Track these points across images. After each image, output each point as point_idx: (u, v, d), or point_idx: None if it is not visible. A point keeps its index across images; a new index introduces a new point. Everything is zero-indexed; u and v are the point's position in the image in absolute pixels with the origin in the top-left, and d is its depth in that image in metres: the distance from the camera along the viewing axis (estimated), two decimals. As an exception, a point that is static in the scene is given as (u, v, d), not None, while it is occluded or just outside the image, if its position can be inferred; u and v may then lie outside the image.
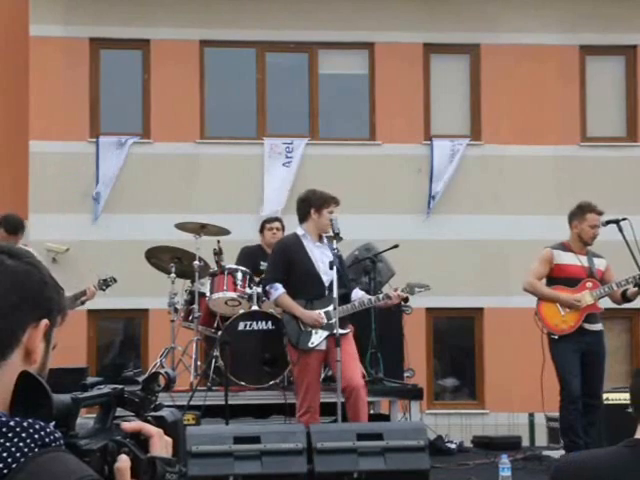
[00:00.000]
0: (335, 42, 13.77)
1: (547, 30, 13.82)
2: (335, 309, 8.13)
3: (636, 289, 8.80)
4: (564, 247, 9.07)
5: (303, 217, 8.47)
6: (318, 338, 8.32)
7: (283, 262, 8.44)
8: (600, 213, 9.02)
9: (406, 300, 8.64)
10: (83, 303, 9.32)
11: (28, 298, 1.73)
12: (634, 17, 13.97)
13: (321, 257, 8.36)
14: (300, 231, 8.50)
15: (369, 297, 8.53)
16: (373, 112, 13.82)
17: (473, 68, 13.98)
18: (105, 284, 9.42)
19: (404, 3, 13.73)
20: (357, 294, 8.56)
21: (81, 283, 9.66)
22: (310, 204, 8.42)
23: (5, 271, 1.74)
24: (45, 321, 1.74)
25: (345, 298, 8.38)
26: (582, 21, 13.89)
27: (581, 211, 9.03)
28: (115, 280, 9.47)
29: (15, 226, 9.06)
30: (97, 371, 12.54)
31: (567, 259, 9.01)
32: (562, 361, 8.85)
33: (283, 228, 10.51)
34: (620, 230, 8.80)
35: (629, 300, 9.03)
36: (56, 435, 1.64)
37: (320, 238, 8.44)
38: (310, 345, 8.29)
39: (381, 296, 8.51)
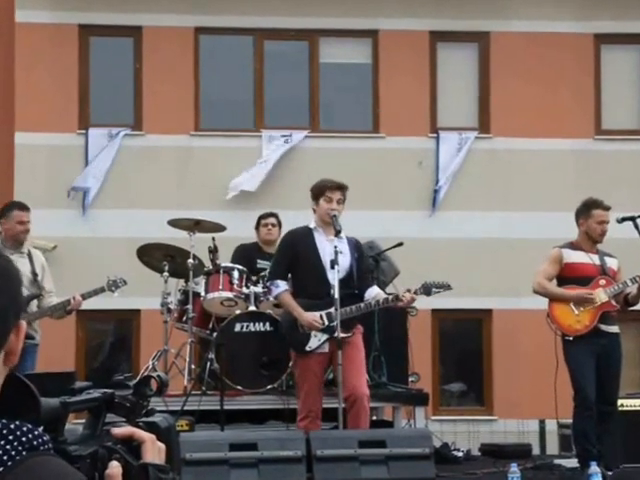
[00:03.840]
0: (337, 29, 13.75)
1: (560, 17, 13.77)
2: (337, 310, 7.90)
3: (637, 291, 8.64)
4: (573, 246, 8.94)
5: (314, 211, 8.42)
6: (317, 342, 8.11)
7: (287, 255, 8.30)
8: (607, 208, 8.90)
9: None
10: (69, 312, 9.17)
11: (12, 298, 1.69)
12: (651, 4, 14.09)
13: (331, 252, 8.07)
14: (312, 224, 8.35)
15: (378, 299, 8.22)
16: (376, 103, 13.76)
17: (482, 57, 13.93)
18: (114, 285, 9.32)
19: (409, -11, 13.86)
20: (371, 293, 8.28)
21: (75, 284, 9.62)
22: (311, 197, 8.36)
23: None
24: (23, 321, 1.72)
25: (353, 298, 8.10)
26: (597, 8, 13.84)
27: (586, 208, 8.94)
28: (125, 282, 9.39)
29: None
30: (86, 374, 12.55)
31: (577, 258, 8.87)
32: (576, 365, 8.66)
33: (279, 224, 10.47)
34: (636, 227, 8.67)
35: (630, 304, 8.83)
36: (45, 438, 1.63)
37: (337, 234, 8.17)
38: (307, 349, 8.11)
39: (390, 298, 8.23)
